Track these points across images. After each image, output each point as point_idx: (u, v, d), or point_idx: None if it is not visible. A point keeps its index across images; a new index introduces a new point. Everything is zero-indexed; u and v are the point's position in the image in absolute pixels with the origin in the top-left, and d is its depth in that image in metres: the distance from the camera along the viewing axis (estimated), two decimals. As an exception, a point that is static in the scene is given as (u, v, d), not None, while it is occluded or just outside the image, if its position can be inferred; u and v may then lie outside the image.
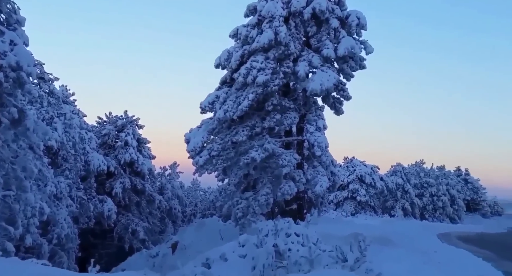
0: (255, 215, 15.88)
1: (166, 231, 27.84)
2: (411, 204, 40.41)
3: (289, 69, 16.15)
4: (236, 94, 16.27)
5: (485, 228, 32.06)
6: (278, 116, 16.19)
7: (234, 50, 16.93)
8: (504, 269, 10.75)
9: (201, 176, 17.41)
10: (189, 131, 17.42)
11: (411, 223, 31.03)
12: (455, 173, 50.76)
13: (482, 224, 39.14)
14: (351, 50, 16.07)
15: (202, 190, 42.06)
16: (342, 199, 38.21)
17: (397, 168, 42.70)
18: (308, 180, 17.12)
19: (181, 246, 17.39)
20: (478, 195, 51.30)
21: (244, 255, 8.67)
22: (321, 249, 8.37)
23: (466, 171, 52.89)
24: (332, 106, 17.41)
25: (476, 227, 34.07)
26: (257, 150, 15.65)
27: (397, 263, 10.66)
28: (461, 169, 52.93)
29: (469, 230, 28.66)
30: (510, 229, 33.58)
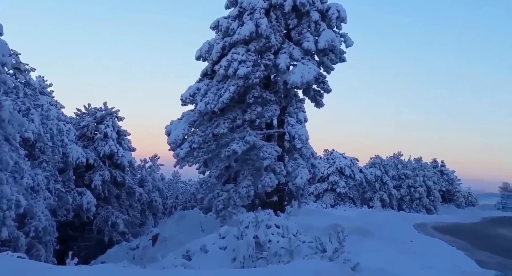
0: (236, 207, 15.97)
1: (147, 224, 27.70)
2: (389, 195, 41.19)
3: (270, 62, 16.18)
4: (217, 87, 16.23)
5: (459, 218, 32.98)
6: (259, 109, 16.24)
7: (215, 42, 16.85)
8: (477, 258, 11.14)
9: (182, 168, 17.38)
10: (170, 124, 17.31)
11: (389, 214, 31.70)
12: (431, 164, 51.88)
13: (457, 214, 40.26)
14: (331, 43, 16.20)
15: (183, 182, 41.93)
16: (322, 191, 38.66)
17: (375, 160, 43.35)
18: (288, 172, 17.28)
19: (161, 238, 17.36)
20: (453, 186, 52.64)
21: (224, 247, 8.73)
22: (301, 240, 8.50)
23: (442, 162, 54.14)
24: (313, 99, 17.56)
25: (451, 217, 35.01)
26: (238, 142, 15.69)
27: (375, 253, 10.93)
28: (437, 160, 54.13)
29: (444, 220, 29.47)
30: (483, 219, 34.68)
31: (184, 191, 39.90)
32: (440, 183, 49.88)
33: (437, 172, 51.37)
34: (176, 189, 39.86)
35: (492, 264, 10.38)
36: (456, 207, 49.86)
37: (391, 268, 8.34)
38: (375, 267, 8.28)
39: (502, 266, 10.08)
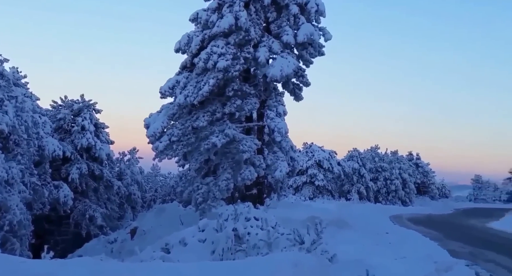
0: (215, 200, 16.01)
1: (125, 217, 27.48)
2: (366, 188, 41.95)
3: (249, 55, 16.18)
4: (196, 79, 16.15)
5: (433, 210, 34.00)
6: (239, 102, 16.25)
7: (194, 34, 16.72)
8: (449, 248, 11.54)
9: (161, 161, 17.27)
10: (149, 117, 17.16)
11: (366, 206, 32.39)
12: (407, 157, 52.98)
13: (431, 206, 41.45)
14: (310, 37, 16.30)
15: (162, 176, 41.65)
16: (301, 184, 39.06)
17: (353, 153, 44.00)
18: (268, 165, 17.39)
19: (140, 232, 17.27)
20: (428, 178, 53.96)
21: (203, 240, 8.78)
22: (280, 232, 8.62)
23: (417, 155, 55.38)
24: (292, 92, 17.67)
25: (425, 208, 36.05)
26: (217, 135, 15.69)
27: (351, 245, 11.18)
28: (412, 153, 55.32)
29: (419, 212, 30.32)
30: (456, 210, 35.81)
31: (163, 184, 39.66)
32: (415, 175, 51.05)
33: (412, 164, 52.52)
34: (155, 182, 39.58)
35: (463, 253, 10.78)
36: (430, 199, 51.17)
37: (367, 259, 8.56)
38: (351, 258, 8.51)
39: (472, 256, 10.47)
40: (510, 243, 13.26)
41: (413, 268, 8.35)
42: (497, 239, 14.34)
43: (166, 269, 5.21)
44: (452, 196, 61.95)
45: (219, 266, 5.66)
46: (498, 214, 23.27)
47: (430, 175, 54.49)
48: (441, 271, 8.03)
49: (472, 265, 8.95)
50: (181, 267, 5.45)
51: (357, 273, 7.11)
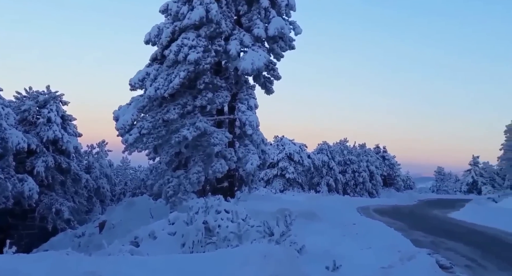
0: (186, 193, 15.98)
1: (94, 211, 27.01)
2: (335, 180, 42.78)
3: (220, 48, 16.12)
4: (167, 72, 15.98)
5: (398, 201, 35.10)
6: (210, 95, 16.20)
7: (165, 26, 16.50)
8: (412, 237, 12.01)
9: (131, 154, 17.06)
10: (118, 109, 16.86)
11: (335, 198, 33.03)
12: (374, 150, 54.32)
13: (396, 197, 42.71)
14: (281, 31, 16.38)
15: (132, 169, 41.09)
16: (272, 177, 39.38)
17: (323, 146, 44.66)
18: (239, 158, 17.46)
19: (109, 225, 17.06)
20: (394, 170, 55.55)
21: (173, 233, 8.79)
22: (250, 224, 8.74)
23: (384, 148, 56.86)
24: (263, 85, 17.75)
25: (391, 200, 37.15)
26: (188, 128, 15.62)
27: (320, 236, 11.45)
28: (379, 146, 56.75)
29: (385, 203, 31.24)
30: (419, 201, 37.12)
31: (133, 177, 39.14)
32: (382, 168, 52.45)
33: (379, 157, 53.90)
34: (125, 175, 39.01)
35: (425, 243, 11.26)
36: (396, 191, 52.73)
37: (335, 249, 8.84)
38: (319, 249, 8.74)
39: (434, 245, 10.97)
40: (469, 232, 13.92)
41: (378, 258, 8.68)
42: (457, 228, 15.02)
43: (134, 262, 5.20)
44: (416, 188, 64.11)
45: (188, 258, 5.70)
46: (459, 205, 24.25)
47: (396, 167, 56.13)
48: (404, 260, 8.38)
49: (433, 254, 9.39)
50: (149, 260, 5.47)
51: (325, 263, 7.34)
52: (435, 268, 7.71)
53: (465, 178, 60.82)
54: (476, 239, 12.12)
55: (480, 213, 18.31)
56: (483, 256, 9.22)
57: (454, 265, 8.28)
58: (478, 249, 10.16)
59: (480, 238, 12.43)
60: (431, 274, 7.18)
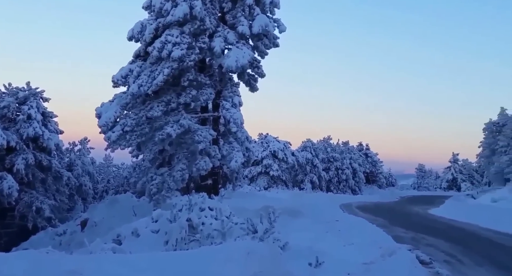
0: (170, 191, 15.92)
1: (75, 209, 26.64)
2: (319, 178, 43.15)
3: (205, 45, 16.07)
4: (150, 69, 15.85)
5: (380, 198, 35.58)
6: (194, 92, 16.14)
7: (148, 22, 16.36)
8: (393, 233, 12.20)
9: (114, 151, 16.89)
10: (101, 106, 16.66)
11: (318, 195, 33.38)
12: (357, 147, 54.96)
13: (379, 194, 43.33)
14: (265, 28, 16.40)
15: (115, 166, 40.60)
16: (256, 174, 39.47)
17: (307, 143, 44.97)
18: (223, 155, 17.47)
19: (91, 223, 16.89)
20: (376, 167, 56.31)
21: (157, 230, 8.77)
22: (234, 222, 8.78)
23: (366, 146, 57.57)
24: (247, 83, 17.75)
25: (374, 197, 37.65)
26: (172, 125, 15.54)
27: (304, 232, 11.56)
28: (362, 144, 57.45)
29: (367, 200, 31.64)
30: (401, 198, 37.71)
31: (116, 174, 38.68)
32: (365, 165, 53.13)
33: (362, 154, 54.56)
34: (107, 172, 38.52)
35: (406, 239, 11.45)
36: (378, 188, 53.48)
37: (318, 246, 8.94)
38: (303, 245, 8.82)
39: (414, 241, 11.16)
40: (448, 228, 14.21)
41: (360, 254, 8.81)
42: (437, 224, 15.31)
43: (116, 260, 5.15)
44: (398, 185, 65.10)
45: (171, 256, 5.69)
46: (439, 201, 24.65)
47: (378, 165, 56.90)
48: (385, 255, 8.54)
49: (414, 250, 9.57)
50: (132, 258, 5.43)
51: (308, 259, 7.42)
52: (415, 264, 7.86)
53: (445, 175, 62.06)
54: (455, 234, 12.38)
55: (459, 209, 18.67)
56: (462, 252, 9.43)
57: (433, 260, 8.45)
58: (457, 244, 10.38)
59: (459, 233, 12.70)
60: (411, 270, 7.32)
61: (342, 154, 47.02)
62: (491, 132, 41.73)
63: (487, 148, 42.05)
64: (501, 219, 13.98)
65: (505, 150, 37.23)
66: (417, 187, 63.74)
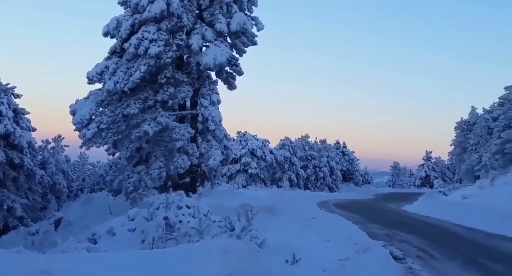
0: (147, 189, 15.76)
1: (49, 207, 26.04)
2: (297, 175, 43.49)
3: (182, 42, 15.94)
4: (127, 65, 15.63)
5: (357, 195, 36.21)
6: (172, 90, 16.01)
7: (124, 18, 16.11)
8: (369, 230, 12.45)
9: (89, 149, 16.59)
10: (75, 103, 16.33)
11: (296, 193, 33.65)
12: (334, 146, 55.68)
13: (355, 191, 44.04)
14: (243, 26, 16.38)
15: (90, 164, 39.86)
16: (234, 172, 39.48)
17: (285, 141, 45.24)
18: (201, 153, 17.39)
19: (65, 222, 16.59)
20: (353, 165, 57.23)
21: (133, 229, 8.69)
22: (211, 220, 8.78)
23: (344, 144, 58.38)
24: (226, 81, 17.72)
25: (350, 194, 38.25)
26: (149, 123, 15.38)
27: (281, 230, 11.68)
28: (339, 142, 58.23)
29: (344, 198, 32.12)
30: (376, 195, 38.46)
31: (92, 173, 37.96)
32: (342, 163, 53.88)
33: (339, 153, 55.30)
34: (83, 171, 37.78)
35: (381, 235, 11.71)
36: (354, 185, 54.37)
37: (295, 243, 9.04)
38: (280, 242, 8.92)
39: (389, 237, 11.42)
40: (421, 224, 14.60)
41: (336, 250, 8.97)
42: (410, 221, 15.70)
43: (91, 259, 5.07)
44: (373, 182, 66.37)
45: (148, 254, 5.65)
46: (412, 198, 25.27)
47: (355, 163, 57.83)
48: (360, 252, 8.71)
49: (388, 246, 9.80)
50: (107, 257, 5.35)
51: (285, 256, 7.51)
52: (388, 259, 8.06)
53: (418, 172, 63.64)
54: (427, 230, 12.74)
55: (432, 206, 19.20)
56: (433, 247, 9.71)
57: (406, 256, 8.68)
58: (428, 240, 10.69)
59: (431, 229, 13.08)
60: (384, 265, 7.50)
61: (320, 152, 47.54)
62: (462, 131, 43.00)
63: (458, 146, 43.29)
64: (470, 215, 14.48)
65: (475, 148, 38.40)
66: (392, 184, 65.13)
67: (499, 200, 15.12)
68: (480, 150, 36.30)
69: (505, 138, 28.39)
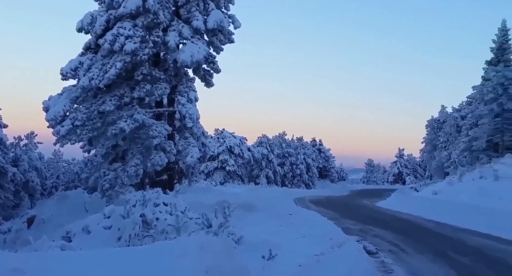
0: (123, 186, 15.62)
1: (22, 205, 25.47)
2: (274, 172, 43.80)
3: (159, 39, 15.83)
4: (102, 62, 15.41)
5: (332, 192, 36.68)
6: (149, 87, 15.89)
7: (99, 14, 15.86)
8: (343, 226, 12.69)
9: (63, 146, 16.30)
10: (49, 99, 16.00)
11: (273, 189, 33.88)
12: (311, 143, 56.32)
13: (331, 188, 44.62)
14: (220, 24, 16.39)
15: (65, 162, 39.14)
16: (212, 169, 39.45)
17: (263, 139, 45.46)
18: (179, 150, 17.35)
19: (39, 220, 16.26)
20: (329, 162, 58.01)
21: (109, 227, 8.64)
22: (189, 217, 8.80)
23: (320, 141, 59.15)
24: (203, 78, 17.71)
25: (326, 191, 38.73)
26: (126, 120, 15.24)
27: (258, 226, 11.77)
28: (316, 140, 58.96)
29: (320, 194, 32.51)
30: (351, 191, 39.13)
31: (67, 170, 37.27)
32: (318, 160, 54.57)
33: (315, 150, 55.98)
34: (57, 168, 37.05)
35: (355, 230, 11.96)
36: (330, 182, 55.13)
37: (272, 239, 9.16)
38: (257, 238, 9.01)
39: (362, 232, 11.69)
40: (393, 219, 14.98)
41: (311, 246, 9.12)
42: (383, 216, 16.08)
43: (64, 258, 4.96)
44: (349, 179, 67.44)
45: (123, 252, 5.59)
46: (386, 194, 25.77)
47: (331, 160, 58.64)
48: (335, 247, 8.90)
49: (361, 241, 10.05)
50: (81, 255, 5.26)
51: (262, 252, 7.62)
52: (362, 254, 8.27)
53: (391, 169, 65.06)
54: (399, 225, 13.10)
55: (404, 202, 19.68)
56: (405, 241, 10.02)
57: (379, 250, 8.93)
58: (400, 235, 11.01)
59: (403, 224, 13.45)
60: (358, 260, 7.69)
61: (297, 149, 48.00)
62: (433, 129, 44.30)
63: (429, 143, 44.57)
64: (440, 210, 14.95)
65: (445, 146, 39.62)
66: (367, 181, 66.32)
67: (466, 196, 15.63)
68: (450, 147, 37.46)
69: (472, 135, 29.40)
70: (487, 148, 28.89)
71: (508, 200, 13.10)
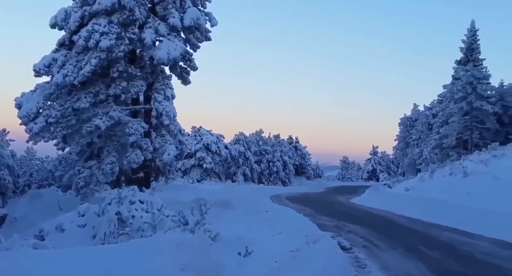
0: (99, 184, 15.42)
1: (-8, 205, 24.80)
2: (251, 170, 43.96)
3: (135, 36, 15.66)
4: (76, 58, 15.14)
5: (309, 189, 37.16)
6: (125, 84, 15.71)
7: (73, 10, 15.57)
8: (319, 222, 12.96)
9: (37, 144, 15.94)
10: (21, 96, 15.61)
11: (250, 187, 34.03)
12: (287, 141, 56.77)
13: (307, 185, 45.16)
14: (196, 21, 16.32)
15: (38, 159, 38.20)
16: (189, 167, 39.28)
17: (240, 136, 45.52)
18: (156, 148, 17.24)
19: (10, 219, 15.94)
20: (305, 160, 58.62)
21: (84, 225, 8.56)
22: (165, 214, 8.80)
23: (296, 139, 59.67)
24: (180, 76, 17.61)
25: (302, 188, 39.19)
26: (101, 117, 15.03)
27: (234, 223, 11.86)
28: (292, 137, 59.47)
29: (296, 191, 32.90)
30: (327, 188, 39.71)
31: (40, 168, 36.39)
32: (294, 157, 55.10)
33: (292, 147, 56.48)
34: (30, 166, 36.12)
35: (330, 226, 12.24)
36: (306, 179, 55.74)
37: (248, 236, 9.26)
38: (233, 235, 9.10)
39: (337, 228, 11.97)
40: (367, 215, 15.36)
41: (287, 242, 9.27)
42: (357, 212, 16.46)
43: (36, 256, 4.88)
44: (324, 176, 68.33)
45: (98, 250, 5.53)
46: (360, 191, 26.25)
47: (307, 157, 59.29)
48: (310, 243, 9.09)
49: (336, 237, 10.30)
50: (55, 254, 5.18)
51: (238, 249, 7.71)
52: (336, 250, 8.49)
53: (366, 166, 66.32)
54: (373, 221, 13.45)
55: (377, 198, 20.14)
56: (378, 237, 10.32)
57: (353, 246, 9.18)
58: (374, 230, 11.32)
59: (376, 220, 13.82)
60: (332, 255, 7.89)
61: (273, 147, 48.28)
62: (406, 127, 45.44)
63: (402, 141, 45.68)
64: (412, 206, 15.41)
65: (417, 143, 40.71)
66: (342, 178, 67.34)
67: (437, 192, 16.13)
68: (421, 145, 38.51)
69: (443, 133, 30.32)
70: (457, 145, 29.85)
71: (476, 196, 13.61)
